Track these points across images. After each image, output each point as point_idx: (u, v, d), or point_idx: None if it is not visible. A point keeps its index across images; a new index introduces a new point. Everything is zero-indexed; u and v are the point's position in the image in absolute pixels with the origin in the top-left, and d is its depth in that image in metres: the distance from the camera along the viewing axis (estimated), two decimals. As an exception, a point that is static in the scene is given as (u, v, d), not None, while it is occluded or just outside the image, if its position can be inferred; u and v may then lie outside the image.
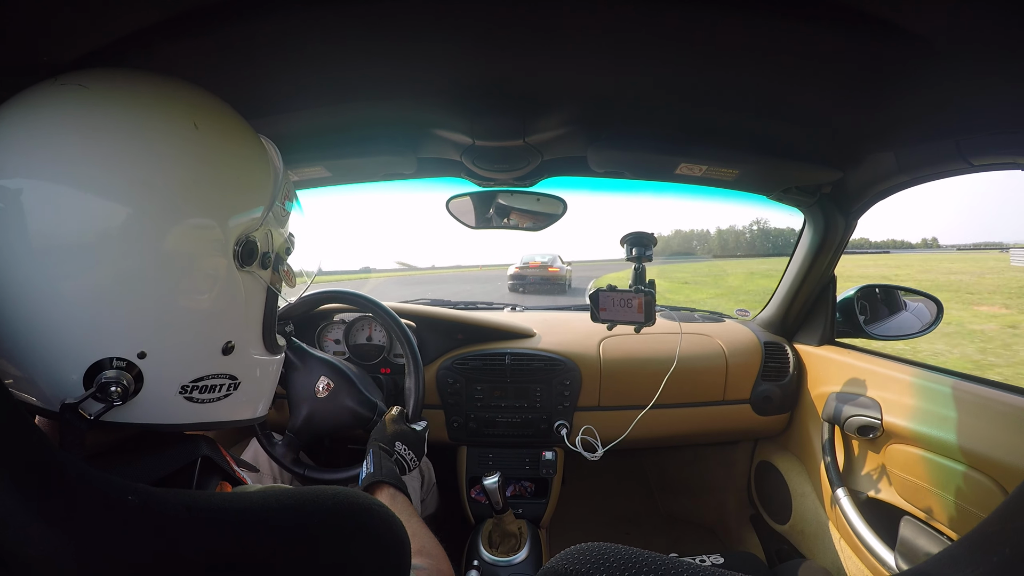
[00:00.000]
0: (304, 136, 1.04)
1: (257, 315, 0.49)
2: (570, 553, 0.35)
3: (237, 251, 0.43)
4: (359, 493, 0.45)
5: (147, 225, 0.38)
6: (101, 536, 0.33)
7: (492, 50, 0.75)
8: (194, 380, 0.44)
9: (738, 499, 1.73)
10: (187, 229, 0.40)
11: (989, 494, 0.87)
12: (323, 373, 1.04)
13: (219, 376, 0.45)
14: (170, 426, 0.45)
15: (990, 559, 0.27)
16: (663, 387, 1.35)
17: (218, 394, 0.46)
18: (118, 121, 0.39)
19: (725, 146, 1.02)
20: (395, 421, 0.96)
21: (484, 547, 1.26)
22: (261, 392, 0.53)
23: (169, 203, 0.39)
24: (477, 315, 1.56)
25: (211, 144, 0.42)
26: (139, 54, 0.67)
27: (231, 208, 0.43)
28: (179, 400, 0.44)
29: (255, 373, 0.50)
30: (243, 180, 0.44)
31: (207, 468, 0.48)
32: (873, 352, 1.26)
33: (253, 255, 0.45)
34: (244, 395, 0.49)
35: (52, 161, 0.37)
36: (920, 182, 1.03)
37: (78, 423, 0.39)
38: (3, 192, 0.36)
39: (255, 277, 0.47)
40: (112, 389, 0.39)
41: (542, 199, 1.33)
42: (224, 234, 0.42)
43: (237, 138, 0.45)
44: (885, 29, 0.61)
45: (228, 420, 0.49)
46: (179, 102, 0.42)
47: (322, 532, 0.40)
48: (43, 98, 0.39)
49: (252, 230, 0.44)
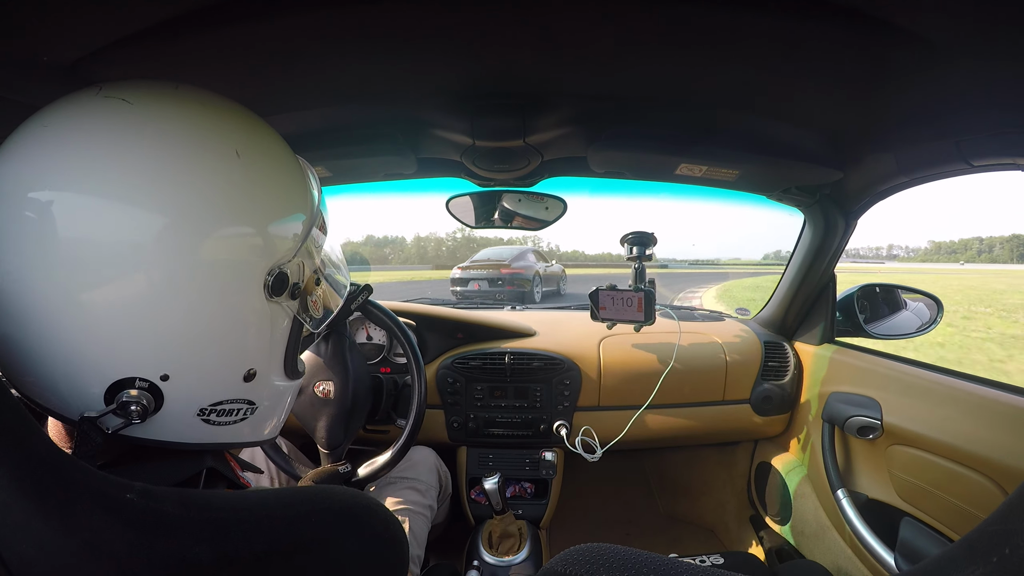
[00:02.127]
0: (304, 136, 1.04)
1: (281, 344, 0.49)
2: (570, 554, 0.35)
3: (268, 281, 0.43)
4: (358, 492, 0.45)
5: (179, 247, 0.38)
6: (101, 534, 0.33)
7: (492, 50, 0.75)
8: (213, 404, 0.44)
9: (738, 499, 1.73)
10: (219, 256, 0.40)
11: (989, 494, 0.87)
12: (330, 379, 1.03)
13: (237, 401, 0.46)
14: (183, 444, 0.45)
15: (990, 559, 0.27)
16: (659, 387, 1.35)
17: (235, 418, 0.47)
18: (161, 142, 0.38)
19: (725, 146, 1.02)
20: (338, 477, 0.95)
21: (484, 548, 1.26)
22: (275, 414, 0.53)
23: (203, 229, 0.39)
24: (477, 314, 1.56)
25: (251, 172, 0.41)
26: (140, 55, 0.67)
27: (266, 238, 0.42)
28: (196, 422, 0.44)
29: (271, 398, 0.50)
30: (279, 210, 0.44)
31: (212, 479, 0.48)
32: (873, 352, 1.26)
33: (284, 286, 0.44)
34: (259, 418, 0.49)
35: (87, 176, 0.37)
36: (920, 183, 1.03)
37: (95, 435, 0.40)
38: (35, 204, 0.36)
39: (283, 308, 0.46)
40: (132, 408, 0.40)
41: (542, 199, 1.34)
42: (257, 264, 0.42)
43: (279, 167, 0.45)
44: (885, 29, 0.61)
45: (240, 441, 0.49)
46: (223, 126, 0.42)
47: (321, 532, 0.40)
48: (84, 110, 0.39)
49: (285, 261, 0.44)
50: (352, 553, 0.42)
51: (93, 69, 0.66)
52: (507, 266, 8.92)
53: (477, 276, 8.80)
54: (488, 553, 1.24)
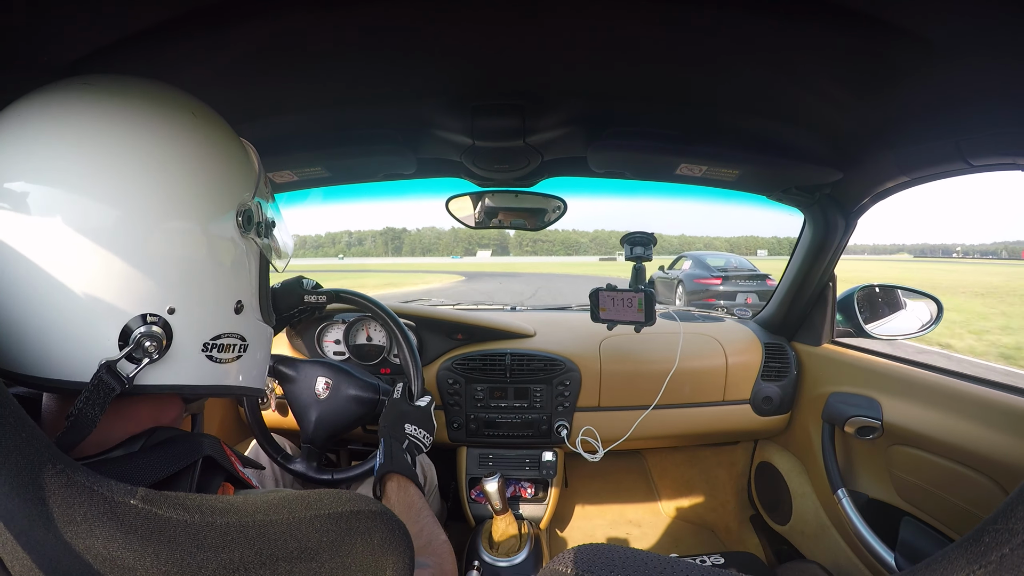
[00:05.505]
0: (304, 136, 1.04)
1: (256, 279, 0.55)
2: (570, 554, 0.35)
3: (239, 219, 0.50)
4: (364, 498, 0.45)
5: (166, 189, 0.44)
6: (104, 541, 0.33)
7: (492, 51, 0.75)
8: (213, 337, 0.49)
9: (738, 499, 1.73)
10: (200, 199, 0.46)
11: (989, 494, 0.87)
12: (319, 374, 1.04)
13: (232, 335, 0.51)
14: (193, 388, 0.48)
15: (990, 559, 0.27)
16: (665, 387, 1.34)
17: (232, 354, 0.51)
18: (126, 113, 0.44)
19: (725, 146, 1.02)
20: (397, 404, 0.97)
21: (484, 548, 1.26)
22: (261, 360, 0.58)
23: (181, 172, 0.45)
24: (477, 315, 1.56)
25: (209, 130, 0.49)
26: (140, 56, 0.67)
27: (232, 182, 0.50)
28: (202, 359, 0.48)
29: (257, 337, 0.55)
30: (237, 160, 0.52)
31: (209, 468, 0.48)
32: (873, 352, 1.26)
33: (251, 222, 0.51)
34: (250, 359, 0.54)
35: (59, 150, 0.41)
36: (920, 182, 1.03)
37: (114, 384, 0.42)
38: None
39: (252, 244, 0.53)
40: (148, 344, 0.43)
41: (542, 199, 1.34)
42: (229, 202, 0.49)
43: (225, 128, 0.52)
44: (885, 29, 0.61)
45: (237, 385, 0.53)
46: (179, 97, 0.49)
47: (326, 538, 0.40)
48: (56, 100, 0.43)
49: (247, 202, 0.51)
50: (358, 558, 0.41)
51: (93, 69, 0.66)
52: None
53: (745, 289, 8.19)
54: (488, 553, 1.24)
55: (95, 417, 0.41)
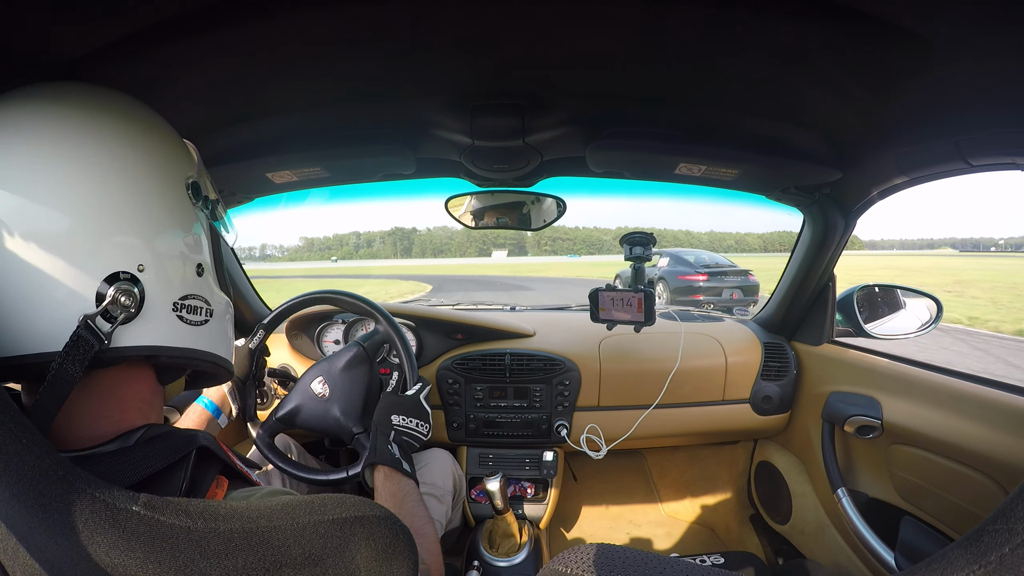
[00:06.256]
0: (303, 136, 1.04)
1: (210, 250, 0.57)
2: (570, 554, 0.35)
3: (189, 192, 0.53)
4: (368, 502, 0.45)
5: (131, 150, 0.48)
6: (105, 547, 0.33)
7: (492, 51, 0.75)
8: (181, 297, 0.51)
9: (738, 499, 1.73)
10: (155, 167, 0.50)
11: (990, 493, 0.87)
12: (312, 378, 1.03)
13: (198, 297, 0.53)
14: (167, 349, 0.49)
15: (990, 559, 0.27)
16: (667, 386, 1.34)
17: (200, 316, 0.53)
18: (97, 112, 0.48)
19: (724, 146, 1.02)
20: (387, 396, 0.96)
21: (484, 547, 1.26)
22: (228, 331, 0.60)
23: (141, 139, 0.50)
24: (476, 315, 1.56)
25: (153, 121, 0.53)
26: (139, 56, 0.67)
27: (178, 158, 0.53)
28: (173, 318, 0.50)
29: (218, 303, 0.57)
30: (180, 145, 0.55)
31: (204, 459, 0.48)
32: (873, 351, 1.26)
33: (199, 194, 0.55)
34: (218, 326, 0.56)
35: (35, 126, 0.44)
36: (920, 182, 1.03)
37: (92, 340, 0.42)
38: None
39: (204, 215, 0.56)
40: (124, 299, 0.45)
41: (541, 199, 1.34)
42: (178, 173, 0.52)
43: (163, 122, 0.55)
44: (885, 28, 0.61)
45: (208, 351, 0.54)
46: (123, 96, 0.53)
47: (330, 543, 0.40)
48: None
49: (193, 176, 0.55)
50: (362, 563, 0.41)
51: (93, 68, 0.66)
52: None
53: (730, 284, 8.26)
54: (488, 553, 1.24)
55: (75, 374, 0.41)
